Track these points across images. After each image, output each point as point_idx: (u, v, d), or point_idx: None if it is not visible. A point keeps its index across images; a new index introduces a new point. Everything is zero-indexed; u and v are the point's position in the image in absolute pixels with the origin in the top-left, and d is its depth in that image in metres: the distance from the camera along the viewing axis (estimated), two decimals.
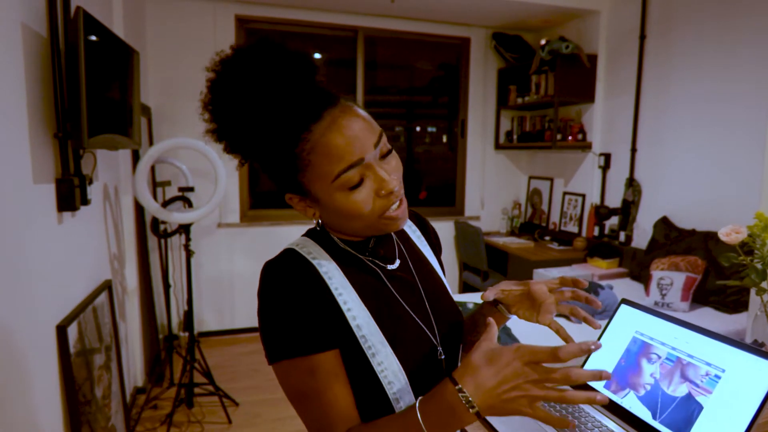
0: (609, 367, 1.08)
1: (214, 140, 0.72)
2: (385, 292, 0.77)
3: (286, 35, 3.87)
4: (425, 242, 0.92)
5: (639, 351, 1.05)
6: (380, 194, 0.70)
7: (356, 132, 0.67)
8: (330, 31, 3.92)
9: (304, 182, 0.71)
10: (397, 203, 0.72)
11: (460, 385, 0.60)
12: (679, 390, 0.94)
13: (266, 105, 0.66)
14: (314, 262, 0.72)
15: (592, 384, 1.10)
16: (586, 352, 0.60)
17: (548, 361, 0.59)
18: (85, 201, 1.81)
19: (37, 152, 1.51)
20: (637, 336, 1.07)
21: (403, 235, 0.89)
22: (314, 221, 0.77)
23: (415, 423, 0.62)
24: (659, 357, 1.01)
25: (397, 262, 0.81)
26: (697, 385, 0.92)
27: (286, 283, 0.69)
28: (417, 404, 0.63)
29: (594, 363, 1.12)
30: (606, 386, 1.07)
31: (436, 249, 0.93)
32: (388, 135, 4.38)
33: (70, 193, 1.69)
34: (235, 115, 0.68)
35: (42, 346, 1.53)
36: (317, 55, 4.14)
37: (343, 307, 0.71)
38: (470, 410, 0.59)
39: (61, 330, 1.65)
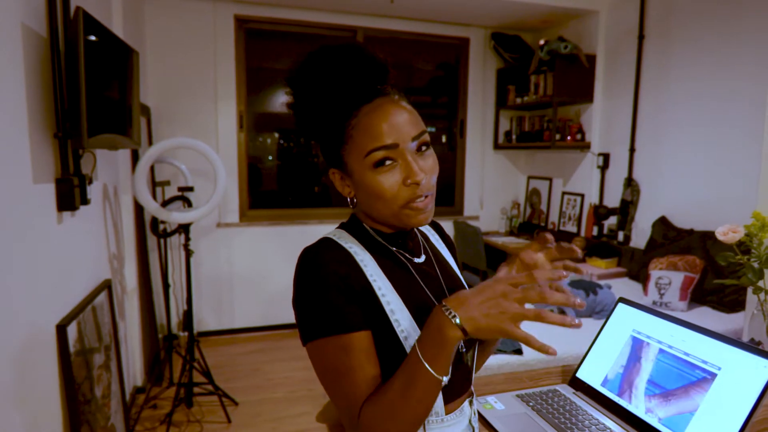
0: (607, 366, 1.09)
1: (289, 111, 0.81)
2: (414, 282, 0.81)
3: (284, 35, 3.88)
4: (443, 245, 0.98)
5: (636, 349, 1.06)
6: (406, 183, 0.75)
7: (397, 120, 0.74)
8: (329, 31, 3.93)
9: (344, 155, 0.77)
10: (424, 198, 0.77)
11: (445, 304, 0.65)
12: (676, 388, 0.95)
13: (330, 85, 0.75)
14: (351, 250, 0.78)
15: (588, 381, 1.10)
16: (557, 277, 0.66)
17: (527, 282, 0.64)
18: (85, 201, 1.81)
19: (36, 152, 1.51)
20: (635, 334, 1.08)
21: (425, 236, 0.95)
22: (348, 200, 0.83)
23: (414, 357, 0.66)
24: (656, 355, 1.01)
25: (423, 257, 0.87)
26: (693, 383, 0.93)
27: (325, 265, 0.73)
28: (416, 340, 0.67)
29: (592, 360, 1.13)
30: (603, 383, 1.07)
31: (452, 251, 0.99)
32: None
33: (70, 193, 1.69)
34: (305, 91, 0.77)
35: (42, 345, 1.53)
36: None
37: (378, 293, 0.75)
38: (453, 321, 0.63)
39: (61, 329, 1.65)
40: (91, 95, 1.67)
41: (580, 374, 1.13)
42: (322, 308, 0.72)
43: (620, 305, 1.15)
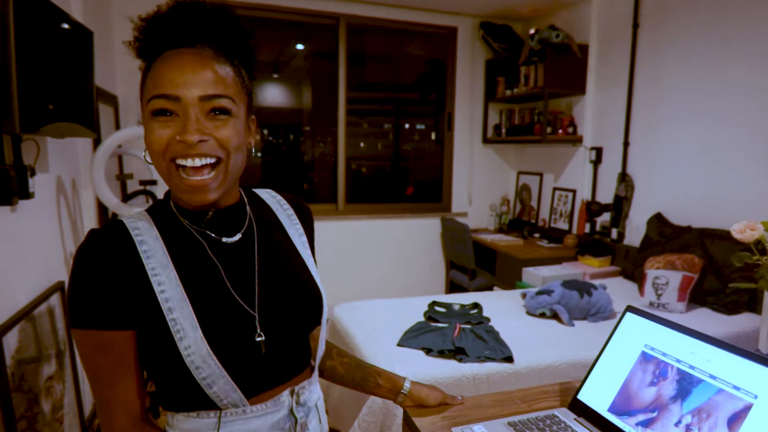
0: (614, 387, 0.93)
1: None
2: (209, 267, 0.75)
3: (265, 22, 3.68)
4: (299, 227, 0.89)
5: (649, 368, 0.90)
6: (176, 138, 0.68)
7: (190, 74, 0.68)
8: (310, 18, 3.74)
9: (142, 103, 0.72)
10: (198, 165, 0.69)
11: None
12: (700, 418, 0.79)
13: (151, 23, 0.72)
14: (137, 239, 0.72)
15: (592, 405, 0.94)
16: None
17: None
18: (26, 194, 1.61)
19: None
20: (647, 350, 0.92)
21: (267, 214, 0.87)
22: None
23: None
24: (674, 377, 0.85)
25: (238, 236, 0.79)
26: (721, 413, 0.77)
27: (96, 254, 0.68)
28: None
29: (597, 380, 0.97)
30: (610, 409, 0.91)
31: (310, 236, 0.93)
32: (376, 132, 4.11)
33: (6, 186, 1.50)
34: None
35: None
36: (299, 46, 3.96)
37: (157, 289, 0.70)
38: None
39: None
40: (30, 76, 1.48)
41: (583, 396, 0.97)
42: (84, 297, 0.68)
43: (629, 315, 0.98)
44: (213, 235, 0.77)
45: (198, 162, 0.69)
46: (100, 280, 0.67)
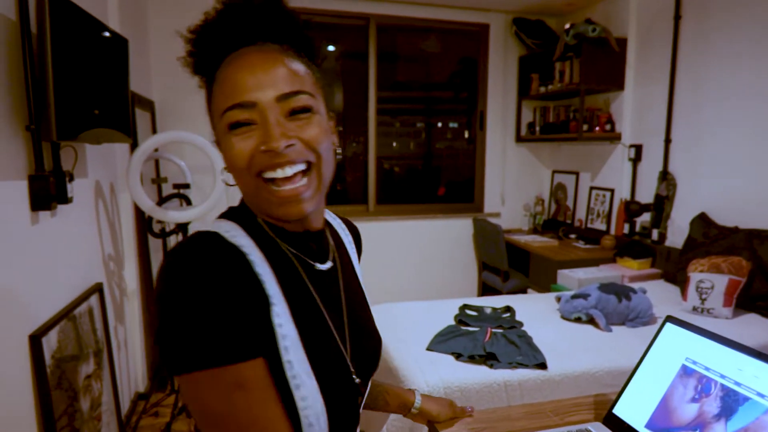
0: (653, 402, 0.88)
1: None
2: (310, 301, 0.64)
3: None
4: (354, 248, 0.82)
5: (691, 383, 0.84)
6: (260, 149, 0.59)
7: (260, 74, 0.60)
8: (340, 20, 3.74)
9: (211, 117, 0.65)
10: (288, 174, 0.60)
11: None
12: None
13: (202, 30, 0.66)
14: (249, 257, 0.58)
15: (629, 421, 0.89)
16: None
17: None
18: (65, 199, 1.66)
19: (5, 146, 1.37)
20: (688, 364, 0.86)
21: (337, 239, 0.79)
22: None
23: None
24: (718, 393, 0.80)
25: (329, 264, 0.70)
26: None
27: (211, 269, 0.53)
28: None
29: (633, 394, 0.92)
30: (648, 426, 0.86)
31: (359, 258, 0.87)
32: (409, 131, 4.09)
33: (45, 191, 1.55)
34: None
35: (12, 358, 1.40)
36: (330, 48, 3.97)
37: (275, 321, 0.57)
38: None
39: (35, 340, 1.51)
40: (67, 84, 1.52)
41: (619, 410, 0.92)
42: (207, 329, 0.51)
43: (668, 326, 0.93)
44: (308, 260, 0.66)
45: (289, 171, 0.60)
46: (232, 303, 0.53)
